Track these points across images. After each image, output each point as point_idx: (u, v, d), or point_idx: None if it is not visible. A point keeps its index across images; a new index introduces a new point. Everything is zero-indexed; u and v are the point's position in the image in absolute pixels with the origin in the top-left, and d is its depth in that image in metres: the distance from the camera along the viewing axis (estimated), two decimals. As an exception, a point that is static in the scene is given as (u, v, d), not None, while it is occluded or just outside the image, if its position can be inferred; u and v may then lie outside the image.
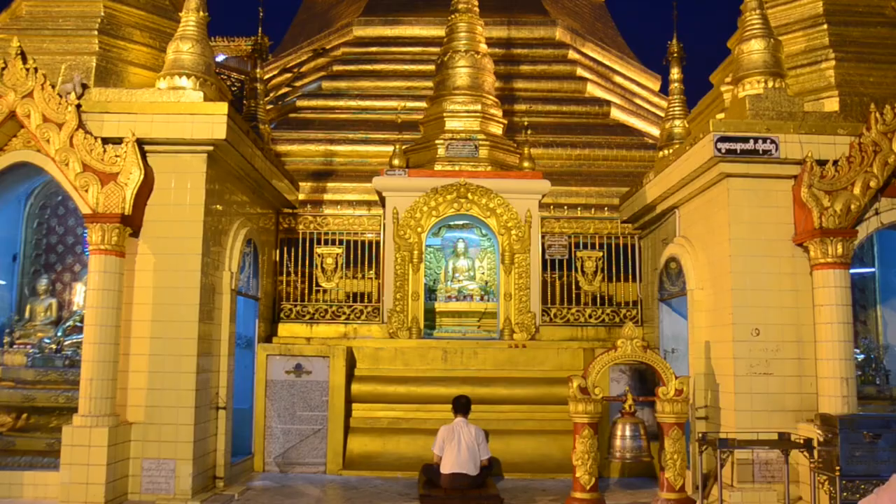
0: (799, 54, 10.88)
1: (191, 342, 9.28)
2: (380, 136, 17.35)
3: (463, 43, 14.01)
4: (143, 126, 9.35)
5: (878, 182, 9.19)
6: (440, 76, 14.16)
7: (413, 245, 12.38)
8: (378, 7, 21.26)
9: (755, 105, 9.65)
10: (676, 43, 13.96)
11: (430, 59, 17.47)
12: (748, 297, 9.31)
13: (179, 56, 10.00)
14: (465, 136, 13.23)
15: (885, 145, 9.21)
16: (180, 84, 9.83)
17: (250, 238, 11.28)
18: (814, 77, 10.68)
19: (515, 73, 19.38)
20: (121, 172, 9.10)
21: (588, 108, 18.91)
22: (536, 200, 12.72)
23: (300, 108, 19.04)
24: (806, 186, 9.10)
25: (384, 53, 20.03)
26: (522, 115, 16.16)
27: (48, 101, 9.23)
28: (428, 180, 12.56)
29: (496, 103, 14.27)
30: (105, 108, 9.50)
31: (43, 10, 10.95)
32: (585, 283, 13.17)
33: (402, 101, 17.68)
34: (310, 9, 24.99)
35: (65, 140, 9.15)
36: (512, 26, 20.31)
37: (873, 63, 10.65)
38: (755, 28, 10.18)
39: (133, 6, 11.09)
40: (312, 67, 20.99)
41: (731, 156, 9.26)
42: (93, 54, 10.42)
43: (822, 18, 11.03)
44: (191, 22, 10.21)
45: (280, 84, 21.24)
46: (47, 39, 10.57)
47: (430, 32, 19.82)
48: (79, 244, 10.95)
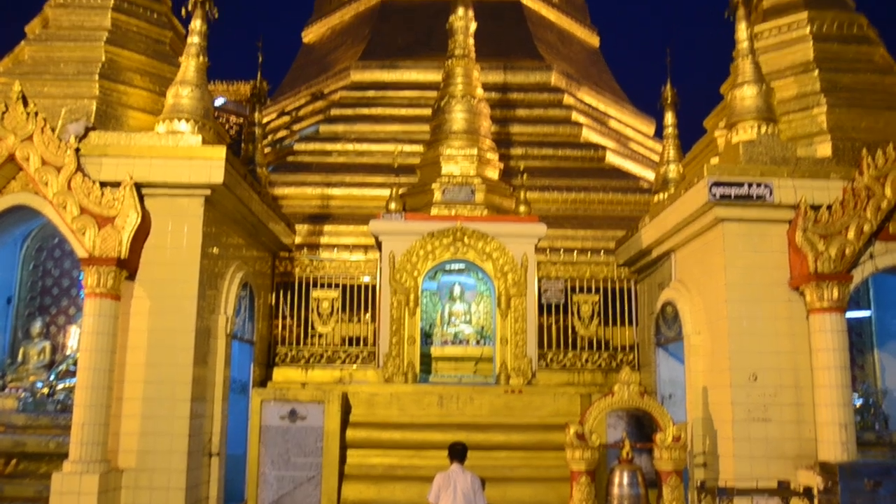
0: (791, 100, 11.02)
1: (185, 386, 9.20)
2: (377, 179, 17.44)
3: (459, 88, 14.18)
4: (142, 169, 9.40)
5: (871, 226, 9.24)
6: (437, 121, 14.30)
7: (409, 289, 12.36)
8: (376, 52, 21.54)
9: (749, 150, 9.75)
10: (670, 88, 14.17)
11: (427, 104, 17.65)
12: (745, 341, 9.28)
13: (179, 101, 10.10)
14: (461, 181, 13.30)
15: (878, 190, 9.29)
16: (179, 128, 9.91)
17: (246, 282, 11.26)
18: (806, 122, 10.81)
19: (512, 117, 19.57)
20: (118, 216, 9.12)
21: (584, 152, 19.06)
22: (533, 244, 12.75)
23: (298, 152, 19.16)
24: (801, 231, 9.15)
25: (381, 98, 20.24)
26: (519, 158, 16.27)
27: (47, 144, 9.29)
28: (424, 224, 12.60)
29: (492, 147, 14.40)
30: (104, 151, 9.56)
31: (45, 55, 11.08)
32: (582, 328, 13.14)
33: (398, 145, 17.81)
34: (308, 53, 25.32)
35: (63, 183, 9.19)
36: (508, 71, 20.57)
37: (864, 108, 10.79)
38: (747, 74, 10.34)
39: (134, 51, 11.23)
40: (310, 111, 21.18)
41: (725, 200, 9.33)
42: (93, 98, 10.50)
43: (812, 65, 11.21)
44: (191, 67, 10.34)
45: (278, 127, 21.41)
46: (48, 83, 10.67)
47: (427, 77, 20.05)
48: (74, 287, 10.93)
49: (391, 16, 22.85)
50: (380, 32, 22.35)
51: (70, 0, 11.58)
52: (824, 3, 11.88)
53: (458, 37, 14.45)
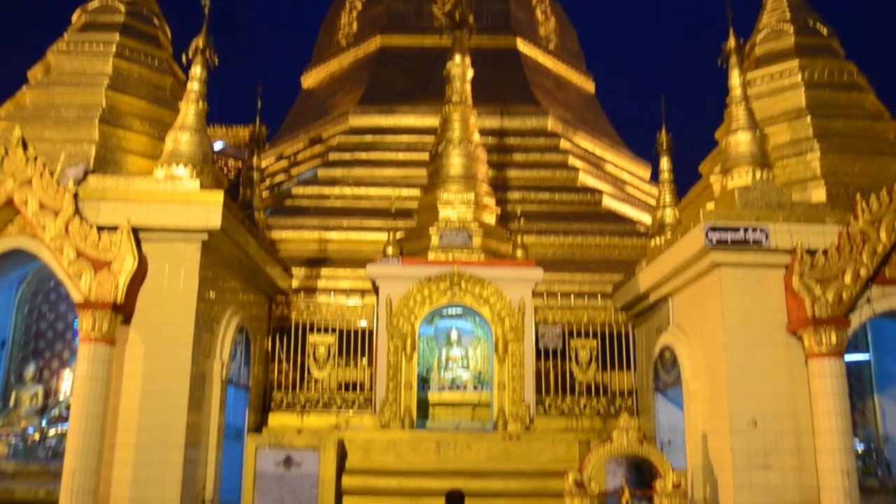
0: (784, 145, 11.14)
1: (178, 433, 9.09)
2: (374, 223, 17.49)
3: (457, 134, 14.31)
4: (139, 214, 9.42)
5: (868, 271, 9.26)
6: (434, 165, 14.41)
7: (406, 334, 12.30)
8: (374, 97, 21.79)
9: (744, 195, 9.82)
10: (665, 134, 14.31)
11: (424, 148, 17.80)
12: (744, 387, 9.23)
13: (178, 146, 10.18)
14: (458, 225, 13.34)
15: (873, 234, 9.33)
16: (177, 173, 9.97)
17: (242, 326, 11.21)
18: (800, 167, 10.91)
19: (508, 161, 19.73)
20: (115, 260, 9.11)
21: (580, 196, 19.17)
22: (530, 289, 12.73)
23: (296, 196, 19.24)
24: (797, 275, 9.16)
25: (380, 142, 20.41)
26: (516, 203, 16.36)
27: (46, 188, 9.32)
28: (422, 269, 12.60)
29: (489, 192, 14.48)
30: (102, 195, 9.59)
31: (46, 100, 11.20)
32: (580, 373, 13.06)
33: (396, 190, 17.91)
34: (307, 98, 25.60)
35: (60, 227, 9.20)
36: (505, 116, 20.79)
37: (856, 154, 10.91)
38: (741, 121, 10.47)
39: (134, 97, 11.35)
40: (309, 155, 21.34)
41: (722, 245, 9.36)
42: (92, 143, 10.58)
43: (805, 111, 11.36)
44: (190, 113, 10.44)
45: (276, 171, 21.54)
46: (49, 128, 10.76)
47: (424, 122, 20.25)
48: (69, 330, 10.87)
49: (390, 62, 23.17)
50: (378, 78, 22.64)
51: (72, 46, 11.76)
52: (815, 51, 12.10)
53: (455, 83, 14.64)
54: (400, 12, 24.09)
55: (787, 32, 12.40)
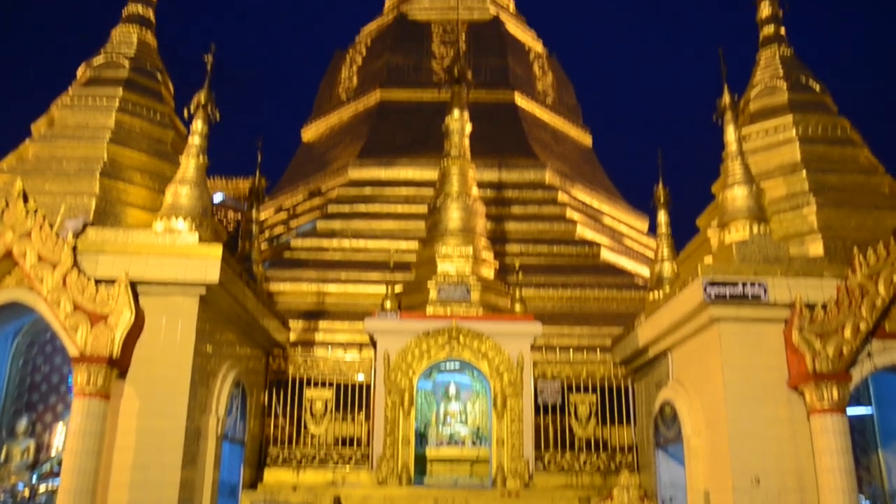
0: (781, 199, 11.21)
1: (172, 489, 8.92)
2: (373, 276, 17.48)
3: (455, 188, 14.40)
4: (138, 267, 9.41)
5: (867, 325, 9.22)
6: (433, 219, 14.46)
7: (404, 389, 12.18)
8: (374, 150, 22.00)
9: (742, 250, 9.83)
10: (662, 188, 14.41)
11: (423, 201, 17.89)
12: (746, 443, 9.10)
13: (177, 199, 10.23)
14: (456, 280, 13.33)
15: (872, 288, 9.32)
16: (176, 226, 9.99)
17: (239, 380, 11.10)
18: (796, 221, 10.95)
19: (507, 214, 19.83)
20: (112, 313, 9.07)
21: (578, 248, 19.22)
22: (528, 343, 12.66)
23: (294, 248, 19.27)
24: (797, 330, 9.12)
25: (378, 195, 20.54)
26: (514, 255, 16.39)
27: (45, 240, 9.34)
28: (420, 323, 12.54)
29: (488, 246, 14.50)
30: (101, 248, 9.59)
31: (49, 153, 11.30)
32: (579, 428, 12.90)
33: (395, 242, 17.95)
34: (307, 151, 25.85)
35: (58, 280, 9.18)
36: (503, 169, 20.97)
37: (852, 208, 10.98)
38: (737, 176, 10.54)
39: (136, 150, 11.46)
40: (308, 207, 21.44)
41: (720, 300, 9.33)
42: (93, 195, 10.64)
43: (800, 165, 11.46)
44: (190, 167, 10.52)
45: (276, 223, 21.62)
46: (50, 180, 10.83)
47: (423, 175, 20.40)
48: (63, 383, 10.75)
49: (389, 115, 23.47)
50: (378, 131, 22.90)
51: (76, 100, 11.92)
52: (808, 107, 12.27)
53: (453, 138, 14.79)
54: (400, 67, 24.50)
55: (780, 89, 12.59)
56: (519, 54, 25.64)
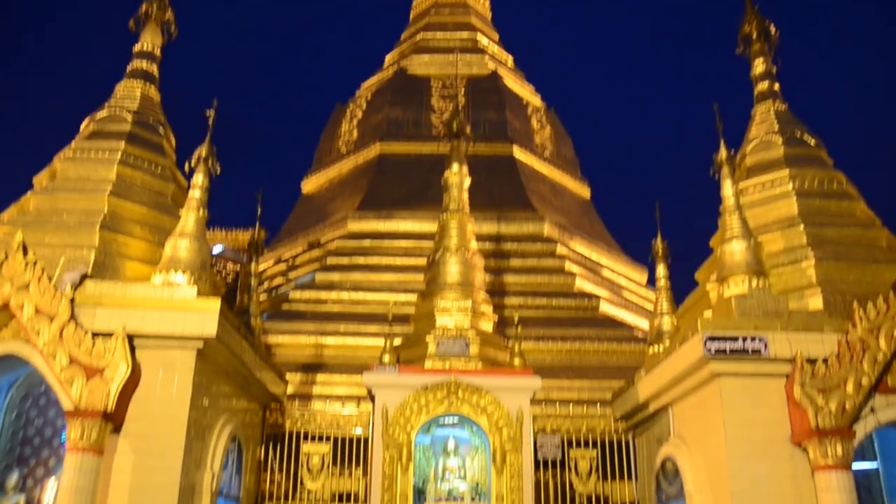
0: (779, 253, 11.23)
1: (165, 548, 8.74)
2: (371, 328, 17.41)
3: (454, 241, 14.42)
4: (135, 320, 9.38)
5: (869, 380, 9.16)
6: (432, 273, 14.46)
7: (402, 444, 12.01)
8: (373, 202, 22.12)
9: (741, 304, 9.82)
10: (661, 242, 14.45)
11: (422, 253, 17.92)
12: (749, 500, 8.96)
13: (177, 252, 10.25)
14: (455, 333, 13.27)
15: (873, 343, 9.28)
16: (175, 279, 9.99)
17: (235, 434, 10.97)
18: (795, 275, 10.96)
19: (506, 267, 19.84)
20: (108, 367, 9.00)
21: (577, 301, 19.18)
22: (528, 398, 12.52)
23: (293, 300, 19.24)
24: (799, 385, 9.05)
25: (378, 247, 20.58)
26: (513, 308, 16.32)
27: (43, 293, 9.32)
28: (418, 377, 12.43)
29: (486, 299, 14.47)
30: (98, 301, 9.57)
31: (50, 206, 11.34)
32: (580, 484, 12.69)
33: (394, 294, 17.92)
34: (307, 203, 26.00)
35: (55, 333, 9.14)
36: (502, 222, 21.05)
37: (851, 262, 10.99)
38: (735, 230, 10.58)
39: (136, 203, 11.52)
40: (307, 259, 21.47)
41: (720, 355, 9.28)
42: (92, 248, 10.65)
43: (797, 219, 11.51)
44: (190, 220, 10.56)
45: (275, 275, 21.61)
46: (50, 233, 10.86)
47: (422, 227, 20.48)
48: (56, 437, 10.59)
49: (388, 168, 23.67)
50: (377, 184, 23.07)
51: (79, 153, 12.02)
52: (804, 160, 12.38)
53: (452, 191, 14.87)
54: (399, 121, 24.80)
55: (775, 143, 12.72)
56: (517, 108, 25.99)
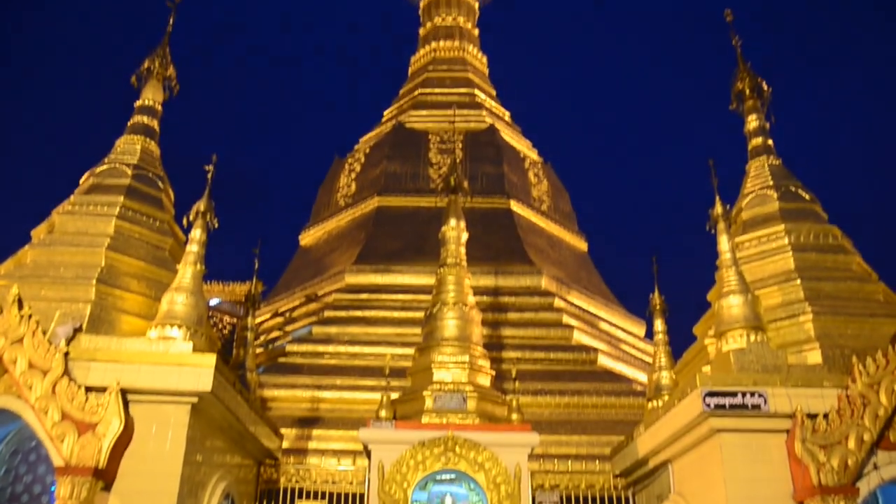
0: (777, 307, 11.21)
1: None
2: (368, 382, 17.27)
3: (451, 296, 14.40)
4: (130, 375, 9.30)
5: (871, 435, 9.06)
6: (429, 327, 14.40)
7: (398, 501, 11.79)
8: (370, 256, 22.15)
9: (740, 358, 9.78)
10: (658, 296, 14.45)
11: (419, 307, 17.86)
12: (754, 562, 8.77)
13: (173, 307, 10.22)
14: (453, 388, 13.16)
15: (873, 398, 9.20)
16: (171, 334, 9.95)
17: (229, 492, 10.79)
18: (793, 329, 10.93)
19: (503, 320, 19.77)
20: (100, 422, 8.89)
21: (575, 355, 19.07)
22: (526, 453, 12.34)
23: (290, 353, 19.12)
24: (799, 441, 8.95)
25: (375, 300, 20.53)
26: (510, 362, 16.17)
27: (37, 347, 9.26)
28: (415, 433, 12.28)
29: (484, 354, 14.39)
30: (93, 355, 9.51)
31: (46, 259, 11.34)
32: (580, 542, 12.45)
33: (391, 348, 17.83)
34: (304, 256, 26.03)
35: (48, 387, 9.05)
36: (499, 275, 21.05)
37: (848, 316, 10.97)
38: (732, 284, 10.60)
39: (133, 257, 11.52)
40: (304, 312, 21.40)
41: (720, 411, 9.20)
42: (88, 302, 10.62)
43: (794, 274, 11.53)
44: (187, 274, 10.56)
45: (271, 328, 21.52)
46: (46, 286, 10.83)
47: (420, 280, 20.46)
48: (46, 493, 10.41)
49: (386, 222, 23.76)
50: (375, 237, 23.13)
51: (77, 207, 12.07)
52: (799, 215, 12.46)
53: (450, 246, 14.91)
54: (397, 175, 25.00)
55: (770, 198, 12.82)
56: (515, 162, 26.24)
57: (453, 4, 32.39)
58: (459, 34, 31.71)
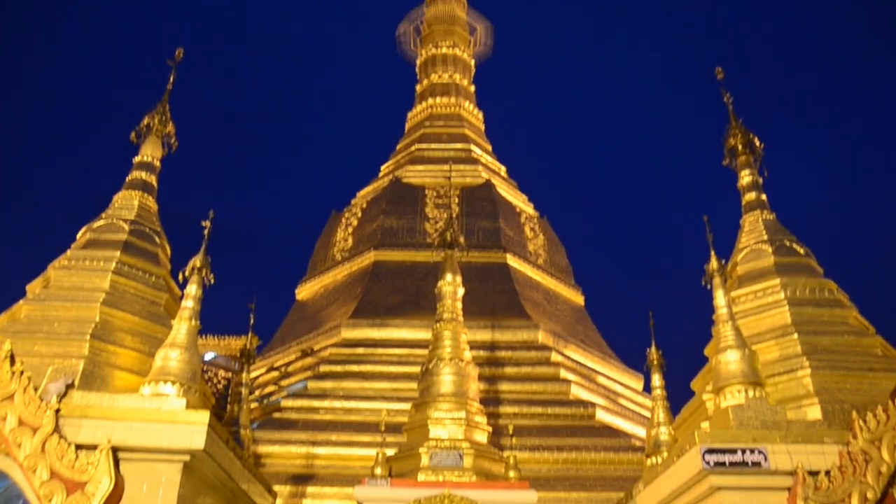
0: (774, 362, 11.15)
1: None
2: (364, 438, 17.08)
3: (448, 351, 14.34)
4: (122, 432, 9.18)
5: (875, 493, 8.88)
6: (425, 383, 14.30)
7: (394, 561, 11.58)
8: (367, 310, 22.10)
9: (739, 415, 9.68)
10: (655, 351, 14.39)
11: (416, 361, 17.76)
12: None
13: (167, 363, 10.14)
14: (449, 445, 13.01)
15: (875, 454, 9.05)
16: (164, 391, 9.85)
17: (219, 554, 10.54)
18: (792, 384, 10.85)
19: (500, 375, 19.64)
20: (90, 481, 8.74)
21: (573, 409, 18.91)
22: (524, 511, 12.18)
23: (284, 408, 18.94)
24: (801, 499, 8.80)
25: (371, 355, 20.42)
26: (508, 417, 16.09)
27: (28, 404, 9.15)
28: (411, 491, 12.09)
29: (480, 410, 14.26)
30: (84, 412, 9.40)
31: (41, 314, 11.29)
32: None
33: (387, 403, 17.68)
34: (301, 310, 25.97)
35: (37, 445, 8.91)
36: (496, 329, 20.99)
37: (847, 370, 10.90)
38: (729, 339, 10.56)
39: (128, 312, 11.47)
40: (300, 367, 21.25)
41: (720, 468, 9.06)
42: (81, 358, 10.54)
43: (791, 328, 11.49)
44: (182, 330, 10.50)
45: (266, 382, 21.34)
46: (39, 342, 10.76)
47: (416, 335, 20.38)
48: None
49: (383, 276, 23.79)
50: (371, 291, 23.13)
51: (73, 262, 12.07)
52: (794, 269, 12.48)
53: (446, 301, 14.90)
54: (394, 229, 25.11)
55: (765, 252, 12.85)
56: (511, 216, 26.41)
57: (450, 62, 33.01)
58: (456, 91, 32.24)
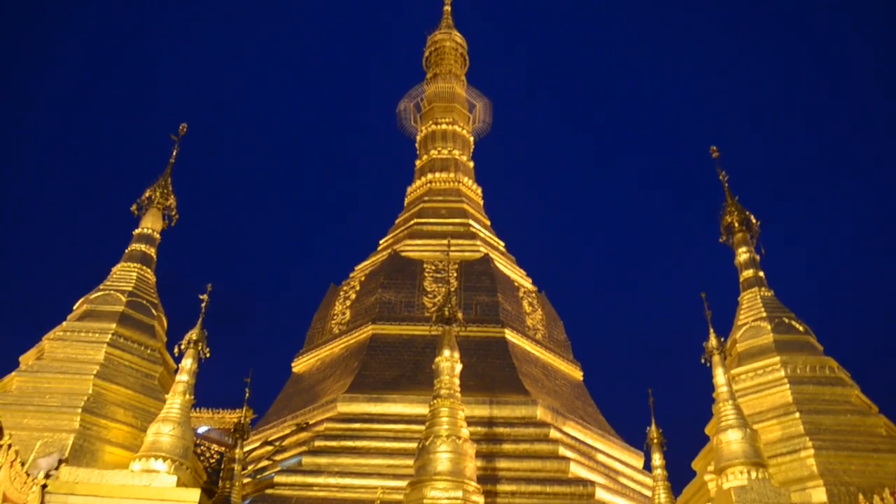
0: (777, 442, 10.98)
1: None
2: (359, 516, 16.64)
3: (445, 428, 14.11)
4: (109, 510, 8.97)
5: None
6: (422, 460, 14.03)
7: None
8: (363, 384, 21.82)
9: (742, 497, 9.49)
10: (655, 429, 14.18)
11: (413, 437, 17.45)
12: None
13: (159, 438, 9.97)
14: (445, 529, 12.70)
15: (883, 540, 8.86)
16: (155, 467, 9.66)
17: None
18: (795, 465, 10.66)
19: (498, 451, 19.25)
20: (74, 562, 8.49)
21: (572, 488, 18.44)
22: None
23: (278, 484, 18.46)
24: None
25: (367, 430, 20.05)
26: (506, 496, 15.73)
27: (14, 479, 8.97)
28: (406, 573, 11.75)
29: (478, 489, 13.95)
30: (72, 489, 9.22)
31: (32, 386, 11.17)
32: None
33: (382, 479, 17.27)
34: (297, 383, 25.65)
35: (22, 524, 8.68)
36: (494, 405, 20.66)
37: (851, 451, 10.74)
38: (730, 419, 10.43)
39: (122, 385, 11.35)
40: (294, 442, 20.84)
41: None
42: (71, 432, 10.38)
43: (792, 407, 11.36)
44: (175, 405, 10.36)
45: (260, 457, 20.88)
46: (29, 415, 10.62)
47: (413, 410, 20.06)
48: None
49: (380, 350, 23.58)
50: (368, 366, 22.89)
51: (68, 334, 12.00)
52: (794, 346, 12.42)
53: (443, 377, 14.75)
54: (392, 303, 25.03)
55: (764, 329, 12.80)
56: (509, 291, 26.37)
57: (449, 138, 33.52)
58: (455, 166, 32.65)
